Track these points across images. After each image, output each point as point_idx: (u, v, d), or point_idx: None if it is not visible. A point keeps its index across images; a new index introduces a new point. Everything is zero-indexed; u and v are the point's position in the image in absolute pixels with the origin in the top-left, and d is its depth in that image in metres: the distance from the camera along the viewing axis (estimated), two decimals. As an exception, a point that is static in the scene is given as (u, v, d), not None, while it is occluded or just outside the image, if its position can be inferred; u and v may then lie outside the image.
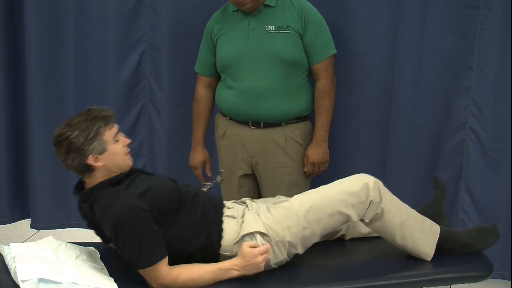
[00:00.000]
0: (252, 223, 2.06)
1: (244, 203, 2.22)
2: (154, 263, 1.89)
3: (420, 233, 2.14)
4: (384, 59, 2.90)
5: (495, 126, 2.84)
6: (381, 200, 2.11)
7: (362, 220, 2.15)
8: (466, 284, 2.28)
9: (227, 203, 2.17)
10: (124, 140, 2.12)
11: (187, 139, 3.23)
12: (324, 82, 2.57)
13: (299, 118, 2.63)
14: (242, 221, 2.08)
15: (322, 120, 2.59)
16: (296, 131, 2.61)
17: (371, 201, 2.10)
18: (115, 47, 3.14)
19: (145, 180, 2.08)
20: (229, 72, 2.56)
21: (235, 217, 2.09)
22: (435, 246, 2.16)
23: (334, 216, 2.09)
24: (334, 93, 2.62)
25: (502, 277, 2.94)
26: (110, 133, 2.05)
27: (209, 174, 2.83)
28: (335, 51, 2.59)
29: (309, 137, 2.65)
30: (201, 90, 2.74)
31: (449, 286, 2.17)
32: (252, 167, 2.65)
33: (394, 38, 2.87)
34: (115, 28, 3.11)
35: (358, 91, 2.94)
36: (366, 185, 2.10)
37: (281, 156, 2.59)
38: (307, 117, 2.69)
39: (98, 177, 2.06)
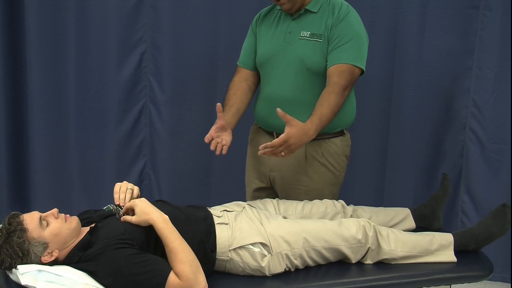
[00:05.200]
0: (251, 233, 2.05)
1: (242, 207, 2.21)
2: (167, 277, 1.81)
3: (431, 256, 2.15)
4: (384, 59, 2.91)
5: (495, 127, 2.85)
6: (379, 246, 2.13)
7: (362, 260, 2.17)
8: (466, 284, 2.28)
9: (216, 212, 2.14)
10: (50, 214, 1.91)
11: (188, 138, 3.24)
12: (336, 81, 2.18)
13: (327, 134, 2.34)
14: (236, 227, 2.07)
15: (322, 113, 2.14)
16: (319, 149, 2.35)
17: (368, 248, 2.12)
18: (116, 47, 3.15)
19: (111, 228, 1.94)
20: (262, 72, 2.42)
21: (226, 224, 2.09)
22: (453, 256, 2.16)
23: (333, 253, 2.11)
24: (342, 101, 2.21)
25: (503, 279, 2.94)
26: (34, 230, 1.85)
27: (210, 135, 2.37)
28: (360, 65, 2.22)
29: (334, 157, 2.37)
30: (235, 80, 2.49)
31: (449, 286, 2.16)
32: (270, 181, 2.48)
33: (394, 38, 2.87)
34: (115, 28, 3.12)
35: (358, 91, 2.94)
36: (364, 230, 2.12)
37: (298, 174, 2.37)
38: (340, 133, 2.40)
39: (64, 255, 1.92)
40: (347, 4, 2.28)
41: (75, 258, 1.88)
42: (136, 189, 2.07)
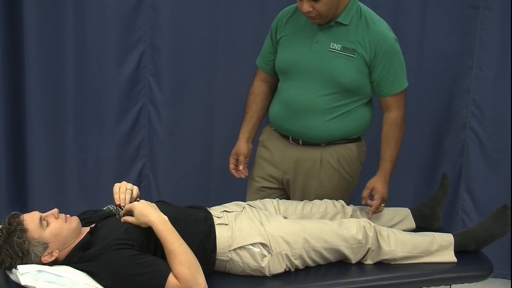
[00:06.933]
0: (251, 233, 2.05)
1: (242, 208, 2.20)
2: (167, 278, 1.80)
3: (431, 256, 2.16)
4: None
5: (495, 126, 2.85)
6: (379, 246, 2.13)
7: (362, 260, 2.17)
8: (466, 284, 2.28)
9: (216, 213, 2.13)
10: (50, 214, 1.92)
11: (187, 139, 3.23)
12: (396, 114, 2.35)
13: (344, 140, 2.39)
14: (236, 227, 2.07)
15: (391, 154, 2.39)
16: (334, 154, 2.37)
17: (369, 248, 2.12)
18: (115, 47, 3.14)
19: (111, 229, 1.93)
20: (282, 78, 2.40)
21: (226, 224, 2.09)
22: (453, 256, 2.17)
23: (333, 253, 2.11)
24: (404, 126, 2.40)
25: (503, 276, 2.95)
26: (34, 230, 1.85)
27: (240, 168, 2.54)
28: (407, 84, 2.35)
29: (349, 163, 2.41)
30: (256, 84, 2.53)
31: (449, 286, 2.16)
32: (283, 183, 2.48)
33: (394, 38, 2.87)
34: (115, 28, 3.11)
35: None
36: (365, 231, 2.12)
37: (311, 178, 2.39)
38: (357, 139, 2.46)
39: (64, 255, 1.92)
40: (378, 17, 2.30)
41: (75, 258, 1.88)
42: (135, 189, 2.07)
